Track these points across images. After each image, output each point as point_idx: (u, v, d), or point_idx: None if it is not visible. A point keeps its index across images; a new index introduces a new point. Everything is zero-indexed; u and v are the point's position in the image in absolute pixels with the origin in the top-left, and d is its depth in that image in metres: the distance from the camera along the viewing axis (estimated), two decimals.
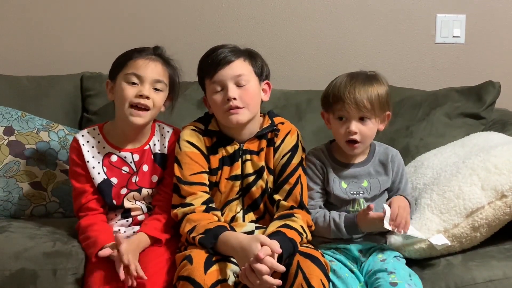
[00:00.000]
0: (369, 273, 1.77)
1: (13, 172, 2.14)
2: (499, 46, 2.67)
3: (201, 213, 1.78)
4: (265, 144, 1.89)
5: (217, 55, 1.83)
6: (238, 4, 2.64)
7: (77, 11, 2.62)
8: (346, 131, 1.84)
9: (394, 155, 1.95)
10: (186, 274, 1.61)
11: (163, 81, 1.88)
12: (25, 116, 2.26)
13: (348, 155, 1.92)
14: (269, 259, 1.56)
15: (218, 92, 1.83)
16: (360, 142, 1.85)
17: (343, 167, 1.92)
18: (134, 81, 1.84)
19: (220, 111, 1.83)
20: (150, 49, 1.91)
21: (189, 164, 1.84)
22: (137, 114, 1.84)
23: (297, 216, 1.79)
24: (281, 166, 1.87)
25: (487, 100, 2.35)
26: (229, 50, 1.84)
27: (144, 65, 1.85)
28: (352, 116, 1.83)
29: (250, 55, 1.88)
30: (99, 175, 1.90)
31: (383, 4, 2.65)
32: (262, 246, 1.58)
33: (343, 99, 1.82)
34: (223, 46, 1.87)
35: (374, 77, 1.88)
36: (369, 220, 1.78)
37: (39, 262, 1.76)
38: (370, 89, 1.83)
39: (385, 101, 1.86)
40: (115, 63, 1.91)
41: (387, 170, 1.92)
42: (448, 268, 1.79)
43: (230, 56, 1.83)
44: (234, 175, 1.87)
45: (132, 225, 1.92)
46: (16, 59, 2.61)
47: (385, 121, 1.90)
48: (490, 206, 1.81)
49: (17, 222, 2.01)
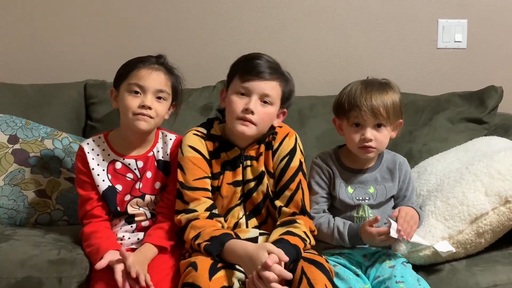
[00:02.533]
0: (377, 279, 1.77)
1: (18, 180, 2.14)
2: (501, 51, 2.68)
3: (205, 219, 1.79)
4: (264, 148, 1.89)
5: (257, 66, 1.81)
6: (241, 10, 2.65)
7: (81, 19, 2.63)
8: (361, 138, 1.85)
9: (402, 162, 1.95)
10: (191, 281, 1.61)
11: (165, 90, 1.89)
12: (30, 125, 2.26)
13: (356, 161, 1.93)
14: (277, 267, 1.56)
15: (240, 95, 1.82)
16: (375, 148, 1.86)
17: (351, 173, 1.92)
18: (136, 90, 1.85)
19: (232, 113, 1.82)
20: (153, 58, 1.91)
21: (192, 169, 1.84)
22: (143, 119, 1.85)
23: (299, 222, 1.79)
24: (280, 170, 1.87)
25: (489, 104, 2.36)
26: (269, 67, 1.82)
27: (147, 75, 1.86)
28: (368, 123, 1.84)
29: (285, 80, 1.86)
30: (103, 182, 1.91)
31: (385, 10, 2.65)
32: (269, 254, 1.59)
33: (359, 106, 1.83)
34: (269, 58, 1.85)
35: (388, 85, 1.89)
36: (373, 234, 1.78)
37: (44, 270, 1.76)
38: (385, 97, 1.84)
39: (398, 108, 1.87)
40: (119, 72, 1.92)
41: (394, 177, 1.93)
42: (453, 273, 1.79)
43: (268, 74, 1.81)
44: (235, 181, 1.88)
45: (136, 231, 1.93)
46: (19, 67, 2.62)
47: (397, 128, 1.92)
48: (494, 212, 1.82)
49: (22, 230, 2.01)
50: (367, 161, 1.93)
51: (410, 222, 1.79)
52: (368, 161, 1.93)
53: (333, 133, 2.19)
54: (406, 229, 1.77)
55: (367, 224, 1.79)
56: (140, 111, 1.84)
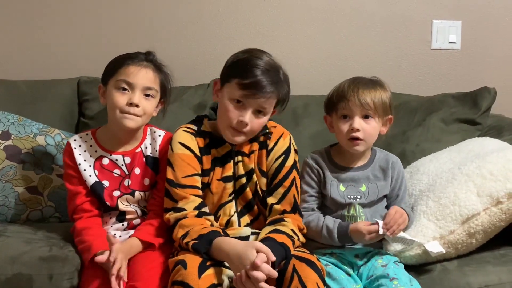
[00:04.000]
0: (370, 278, 1.77)
1: (10, 177, 2.13)
2: (495, 52, 2.69)
3: (194, 218, 1.78)
4: (257, 147, 1.89)
5: (259, 81, 1.75)
6: (236, 10, 2.64)
7: (74, 16, 2.62)
8: (349, 128, 1.86)
9: (395, 162, 1.96)
10: (180, 279, 1.60)
11: (153, 88, 1.88)
12: (22, 121, 2.26)
13: (348, 159, 1.93)
14: (266, 266, 1.56)
15: (236, 103, 1.79)
16: (363, 139, 1.86)
17: (342, 170, 1.93)
18: (124, 87, 1.85)
19: (226, 121, 1.81)
20: (142, 55, 1.91)
21: (181, 166, 1.83)
22: (130, 118, 1.85)
23: (287, 221, 1.79)
24: (275, 169, 1.87)
25: (482, 105, 2.37)
26: (270, 82, 1.76)
27: (135, 72, 1.86)
28: (355, 113, 1.85)
29: (282, 87, 1.82)
30: (90, 177, 1.91)
31: (380, 10, 2.66)
32: (257, 252, 1.59)
33: (347, 97, 1.86)
34: (266, 65, 1.78)
35: (377, 82, 1.92)
36: (363, 232, 1.79)
37: (35, 266, 1.76)
38: (373, 91, 1.87)
39: (387, 104, 1.89)
40: (107, 68, 1.91)
41: (387, 176, 1.93)
42: (444, 273, 1.79)
43: (268, 92, 1.76)
44: (225, 176, 1.87)
45: (128, 229, 1.92)
46: (13, 63, 2.61)
47: (387, 124, 1.93)
48: (485, 213, 1.82)
49: (13, 227, 2.01)
50: (358, 158, 1.94)
51: (399, 221, 1.81)
52: (360, 159, 1.94)
53: (327, 133, 2.19)
54: (391, 226, 1.79)
55: (358, 223, 1.81)
56: (127, 109, 1.84)
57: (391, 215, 1.81)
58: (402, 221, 1.82)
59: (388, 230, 1.79)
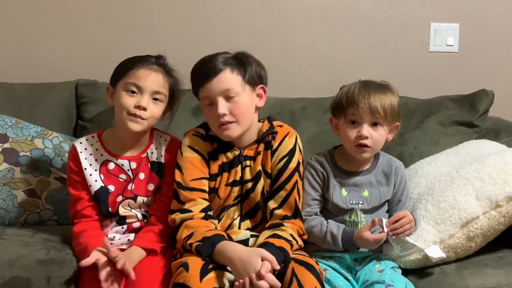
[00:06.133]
0: (366, 283, 1.77)
1: (7, 180, 2.13)
2: (492, 55, 2.69)
3: (200, 220, 1.78)
4: (263, 148, 1.88)
5: (203, 67, 1.81)
6: (233, 12, 2.64)
7: (72, 19, 2.61)
8: (357, 135, 1.84)
9: (398, 166, 1.94)
10: (182, 281, 1.60)
11: (162, 92, 1.88)
12: (20, 124, 2.25)
13: (351, 163, 1.92)
14: (270, 276, 1.57)
15: (209, 106, 1.82)
16: (370, 147, 1.85)
17: (345, 175, 1.91)
18: (133, 90, 1.84)
19: (212, 125, 1.84)
20: (153, 59, 1.90)
21: (190, 169, 1.83)
22: (135, 121, 1.84)
23: (286, 226, 1.79)
24: (278, 170, 1.86)
25: (480, 108, 2.36)
26: (216, 61, 1.80)
27: (145, 76, 1.85)
28: (365, 120, 1.83)
29: (239, 63, 1.82)
30: (96, 182, 1.90)
31: (378, 13, 2.66)
32: (262, 260, 1.59)
33: (357, 103, 1.82)
34: (212, 57, 1.83)
35: (387, 87, 1.89)
36: (369, 241, 1.78)
37: (32, 270, 1.76)
38: (384, 97, 1.84)
39: (396, 111, 1.87)
40: (117, 70, 1.90)
41: (389, 182, 1.92)
42: (442, 276, 1.79)
43: (216, 68, 1.79)
44: (233, 181, 1.87)
45: (127, 232, 1.92)
46: (11, 66, 2.60)
47: (393, 131, 1.91)
48: (485, 216, 1.82)
49: (11, 230, 2.00)
50: (362, 163, 1.92)
51: (406, 226, 1.79)
52: (363, 163, 1.93)
53: (325, 135, 2.19)
54: (397, 228, 1.77)
55: (362, 230, 1.79)
56: (134, 111, 1.83)
57: (399, 217, 1.79)
58: (409, 227, 1.80)
59: (392, 231, 1.77)
